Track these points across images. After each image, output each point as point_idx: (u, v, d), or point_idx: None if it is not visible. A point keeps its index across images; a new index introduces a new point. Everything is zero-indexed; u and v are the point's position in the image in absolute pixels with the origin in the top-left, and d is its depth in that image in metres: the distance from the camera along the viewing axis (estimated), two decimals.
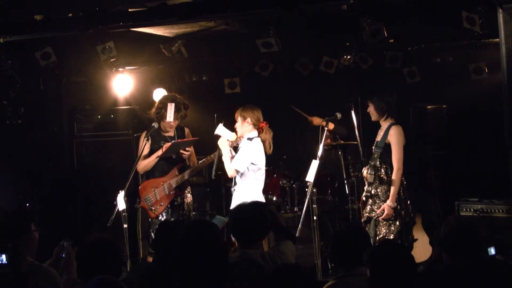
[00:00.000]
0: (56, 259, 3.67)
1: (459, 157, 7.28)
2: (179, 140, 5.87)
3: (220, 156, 5.60)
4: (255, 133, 5.56)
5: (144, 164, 5.82)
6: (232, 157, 5.49)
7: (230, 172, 5.51)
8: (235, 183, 5.60)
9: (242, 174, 5.49)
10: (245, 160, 5.45)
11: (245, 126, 5.55)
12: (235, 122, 5.62)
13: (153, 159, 5.80)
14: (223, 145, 5.51)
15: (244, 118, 5.54)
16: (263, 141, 5.56)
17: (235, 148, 5.62)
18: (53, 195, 7.17)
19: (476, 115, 7.20)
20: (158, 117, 5.83)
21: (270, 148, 5.62)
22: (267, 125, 5.61)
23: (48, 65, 6.63)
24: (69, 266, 3.58)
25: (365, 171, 5.38)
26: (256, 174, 5.51)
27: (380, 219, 5.17)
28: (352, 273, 3.20)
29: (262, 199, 5.60)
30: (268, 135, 5.60)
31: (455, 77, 7.34)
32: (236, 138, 5.55)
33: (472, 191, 6.32)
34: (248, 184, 5.50)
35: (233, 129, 5.61)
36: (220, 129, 5.55)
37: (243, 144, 5.54)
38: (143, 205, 5.76)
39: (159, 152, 5.76)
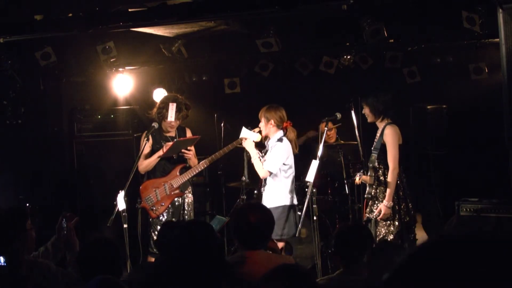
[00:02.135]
0: (59, 236, 3.70)
1: (459, 157, 7.27)
2: (181, 138, 5.87)
3: (248, 159, 5.62)
4: (281, 133, 5.56)
5: (145, 164, 5.81)
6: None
7: (262, 174, 5.51)
8: (265, 184, 5.61)
9: (274, 174, 5.51)
10: (277, 161, 5.45)
11: (269, 128, 5.55)
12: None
13: (154, 159, 5.79)
14: (250, 147, 5.52)
15: (268, 120, 5.53)
16: (289, 141, 5.57)
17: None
18: (53, 195, 7.17)
19: (476, 115, 7.19)
20: (160, 117, 5.82)
21: (296, 147, 5.64)
22: (291, 125, 5.61)
23: (48, 65, 6.63)
24: (71, 243, 3.61)
25: (357, 178, 5.42)
26: (287, 173, 5.53)
27: (379, 219, 5.17)
28: (352, 271, 3.20)
29: (291, 198, 5.60)
30: (292, 135, 5.61)
31: (455, 77, 7.33)
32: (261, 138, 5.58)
33: (472, 191, 6.30)
34: (279, 183, 5.53)
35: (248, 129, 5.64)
36: (245, 132, 5.55)
37: (272, 145, 5.54)
38: (144, 205, 5.74)
39: (161, 152, 5.74)
